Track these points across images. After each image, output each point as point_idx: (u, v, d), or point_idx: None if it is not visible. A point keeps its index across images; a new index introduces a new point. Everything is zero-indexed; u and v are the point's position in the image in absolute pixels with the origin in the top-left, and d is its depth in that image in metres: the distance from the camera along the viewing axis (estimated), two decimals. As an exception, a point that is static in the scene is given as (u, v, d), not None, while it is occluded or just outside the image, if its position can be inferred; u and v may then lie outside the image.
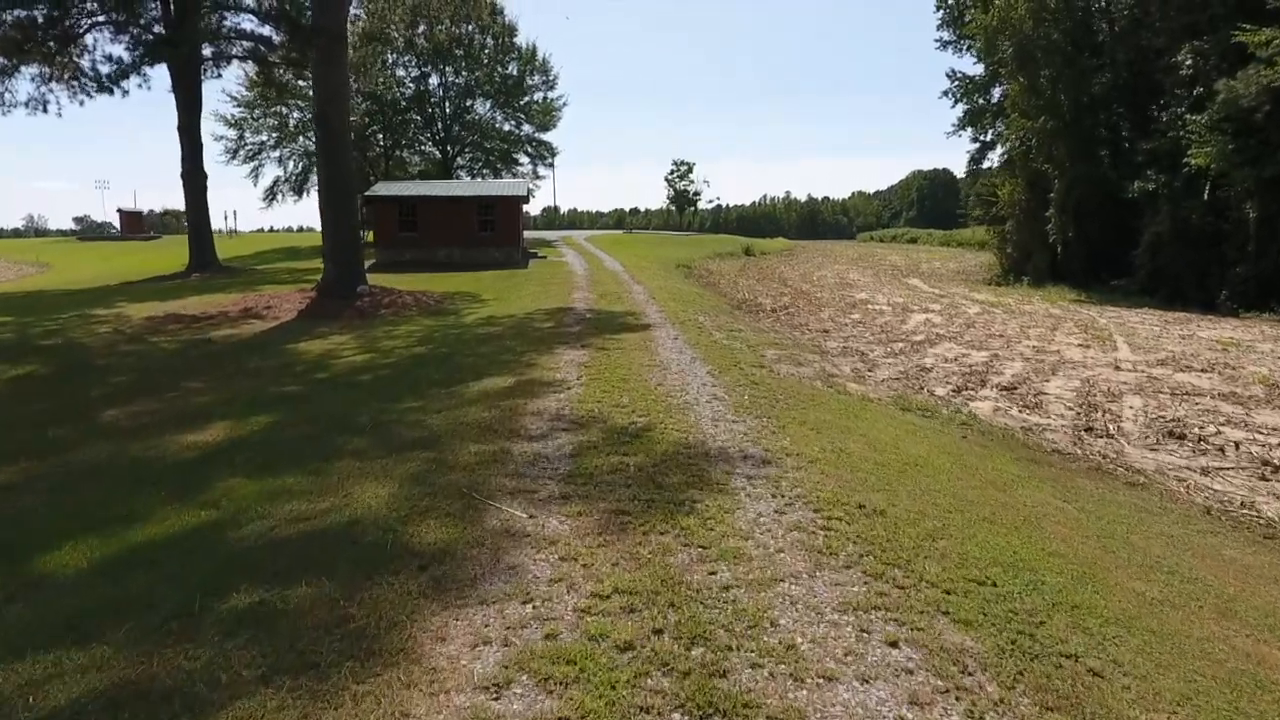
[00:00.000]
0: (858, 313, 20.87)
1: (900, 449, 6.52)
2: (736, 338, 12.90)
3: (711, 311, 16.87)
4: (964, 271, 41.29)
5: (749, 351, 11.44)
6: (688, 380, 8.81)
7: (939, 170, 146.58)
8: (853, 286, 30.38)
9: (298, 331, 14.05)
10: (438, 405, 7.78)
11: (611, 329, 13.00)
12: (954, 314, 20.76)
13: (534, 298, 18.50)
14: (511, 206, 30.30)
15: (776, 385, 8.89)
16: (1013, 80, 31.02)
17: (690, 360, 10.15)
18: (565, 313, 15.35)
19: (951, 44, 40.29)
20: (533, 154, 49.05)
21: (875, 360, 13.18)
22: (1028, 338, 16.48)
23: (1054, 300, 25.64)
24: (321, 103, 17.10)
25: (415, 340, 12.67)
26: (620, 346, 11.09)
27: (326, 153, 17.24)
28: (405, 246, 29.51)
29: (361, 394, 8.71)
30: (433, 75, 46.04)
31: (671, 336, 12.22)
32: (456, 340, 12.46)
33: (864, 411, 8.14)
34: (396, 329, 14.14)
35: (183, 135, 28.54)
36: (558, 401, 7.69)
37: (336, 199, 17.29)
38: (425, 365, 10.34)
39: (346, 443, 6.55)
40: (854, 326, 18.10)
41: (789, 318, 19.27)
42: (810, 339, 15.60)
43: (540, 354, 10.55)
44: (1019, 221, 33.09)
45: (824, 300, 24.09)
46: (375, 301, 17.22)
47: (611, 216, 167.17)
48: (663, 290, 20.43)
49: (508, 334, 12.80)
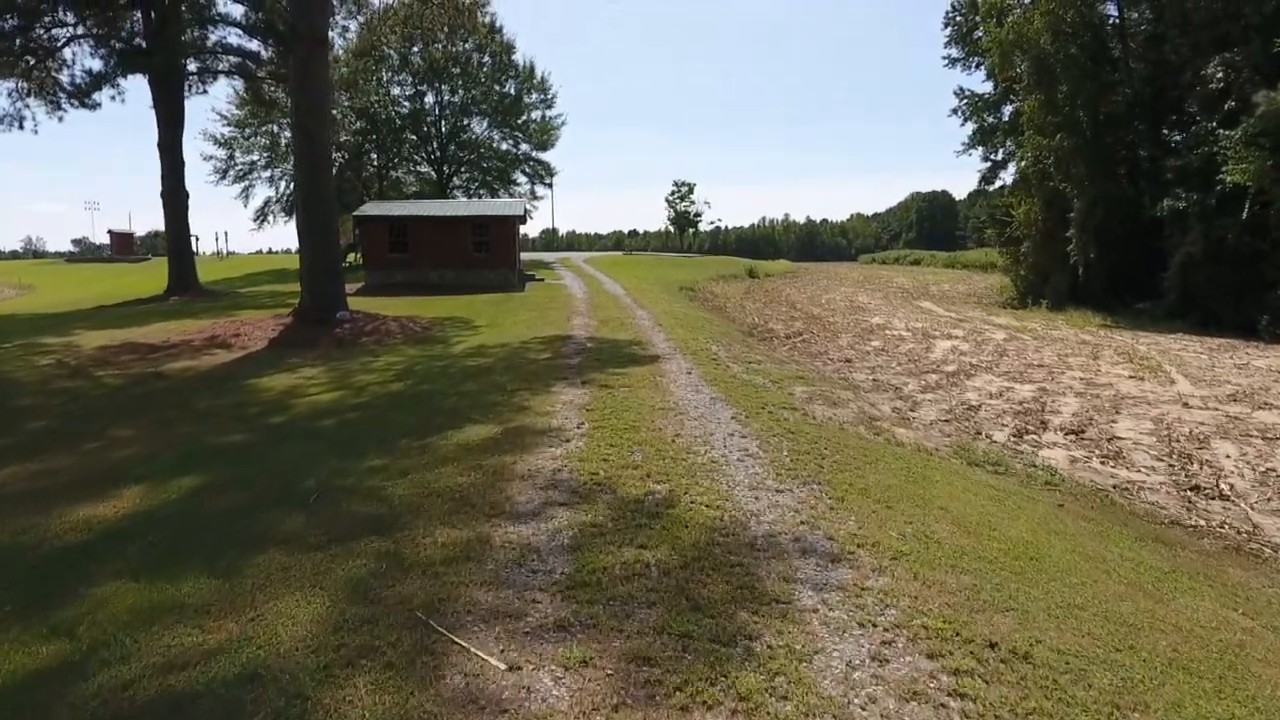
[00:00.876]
0: (877, 339, 19.46)
1: (997, 530, 5.04)
2: (756, 370, 11.44)
3: (723, 339, 15.44)
4: (975, 294, 40.00)
5: (774, 388, 9.98)
6: (710, 428, 7.34)
7: (938, 192, 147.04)
8: (865, 310, 29.02)
9: (264, 364, 12.58)
10: (406, 464, 6.29)
11: (615, 361, 11.55)
12: (980, 340, 19.35)
13: (530, 324, 17.07)
14: (507, 226, 28.98)
15: (816, 434, 7.42)
16: (1029, 96, 29.87)
17: (709, 401, 8.68)
18: (563, 342, 13.91)
19: (960, 61, 39.33)
20: (530, 173, 47.92)
21: (913, 396, 11.72)
22: (1069, 367, 15.05)
23: (1080, 324, 24.27)
24: (300, 114, 15.78)
25: (394, 374, 11.20)
26: (626, 383, 9.63)
27: (306, 168, 15.88)
28: (396, 268, 28.14)
29: (318, 446, 7.22)
30: (429, 94, 45.02)
31: (684, 370, 10.76)
32: (440, 374, 10.99)
33: (928, 470, 6.66)
34: (375, 360, 12.67)
35: (163, 153, 27.28)
36: (554, 459, 6.22)
37: (316, 218, 15.91)
38: (400, 407, 8.86)
39: (280, 522, 5.05)
40: (877, 355, 16.68)
41: (805, 345, 17.84)
42: (834, 370, 14.15)
43: (534, 393, 9.09)
44: (1035, 242, 31.78)
45: (839, 326, 22.69)
46: (356, 329, 15.77)
47: (610, 238, 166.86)
48: (668, 315, 19.02)
49: (499, 367, 11.33)
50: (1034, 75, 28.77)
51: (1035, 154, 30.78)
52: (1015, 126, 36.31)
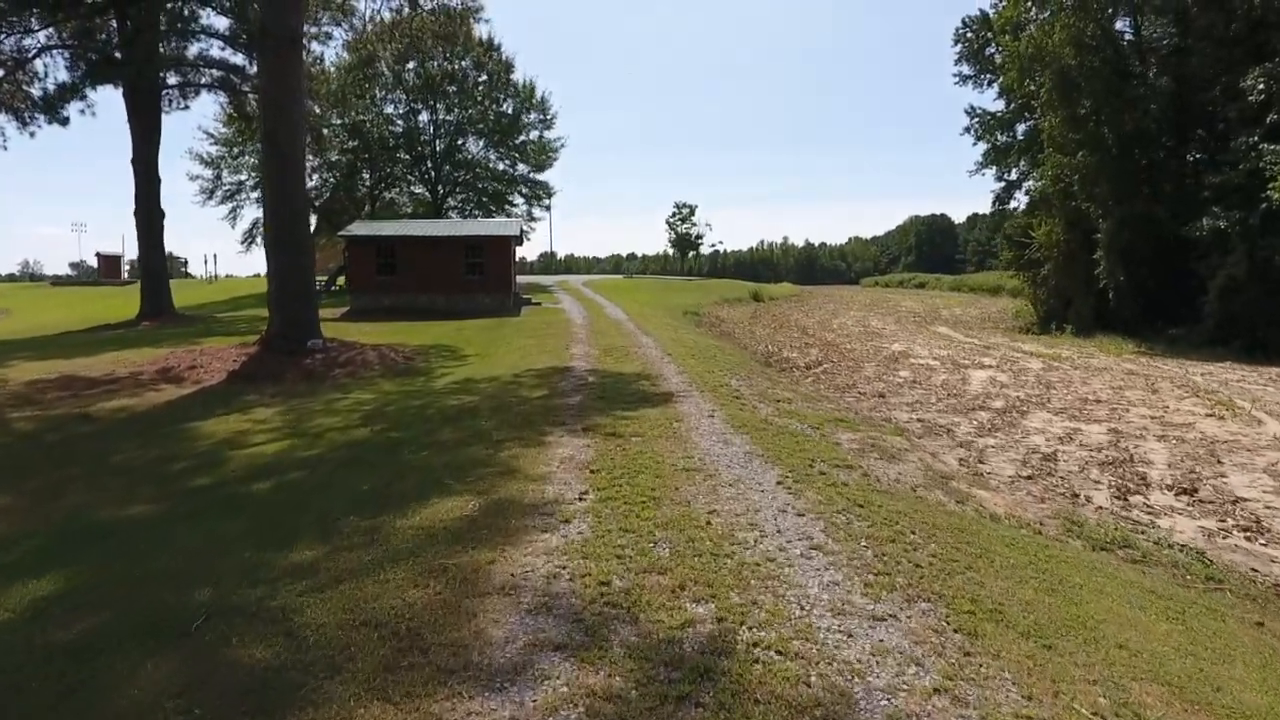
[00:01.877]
0: (905, 369, 17.78)
1: (1224, 691, 3.30)
2: (788, 412, 9.73)
3: (740, 371, 13.75)
4: (990, 318, 38.43)
5: (816, 436, 8.26)
6: (754, 499, 5.62)
7: (937, 216, 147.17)
8: (881, 336, 27.39)
9: (214, 402, 10.85)
10: (342, 561, 4.55)
11: (623, 400, 9.84)
12: (1017, 371, 17.68)
13: (524, 353, 15.39)
14: (502, 248, 27.39)
15: (891, 507, 5.70)
16: (1049, 113, 28.52)
17: (744, 456, 6.97)
18: (562, 375, 12.20)
19: (971, 79, 38.14)
20: (528, 195, 46.37)
21: (972, 442, 10.00)
22: (1130, 403, 13.37)
23: (1114, 352, 22.63)
24: (270, 121, 14.20)
25: (360, 417, 9.47)
26: (638, 431, 7.92)
27: (274, 179, 14.27)
28: (383, 292, 26.49)
29: (237, 526, 5.49)
30: (423, 112, 43.67)
31: (705, 412, 9.05)
32: (415, 418, 9.27)
33: (1058, 565, 4.92)
34: (344, 399, 10.95)
35: (138, 169, 25.79)
36: (548, 556, 4.49)
37: (286, 235, 14.27)
38: (358, 464, 7.13)
39: (126, 680, 3.30)
40: (910, 388, 14.99)
41: (829, 377, 16.15)
42: (870, 407, 12.43)
43: (525, 445, 7.37)
44: (1057, 264, 30.24)
45: (859, 354, 21.03)
46: (329, 359, 14.06)
47: (609, 262, 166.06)
48: (676, 343, 17.35)
49: (485, 408, 9.61)
50: (1055, 90, 27.43)
51: (1056, 172, 29.36)
52: (1031, 145, 35.05)
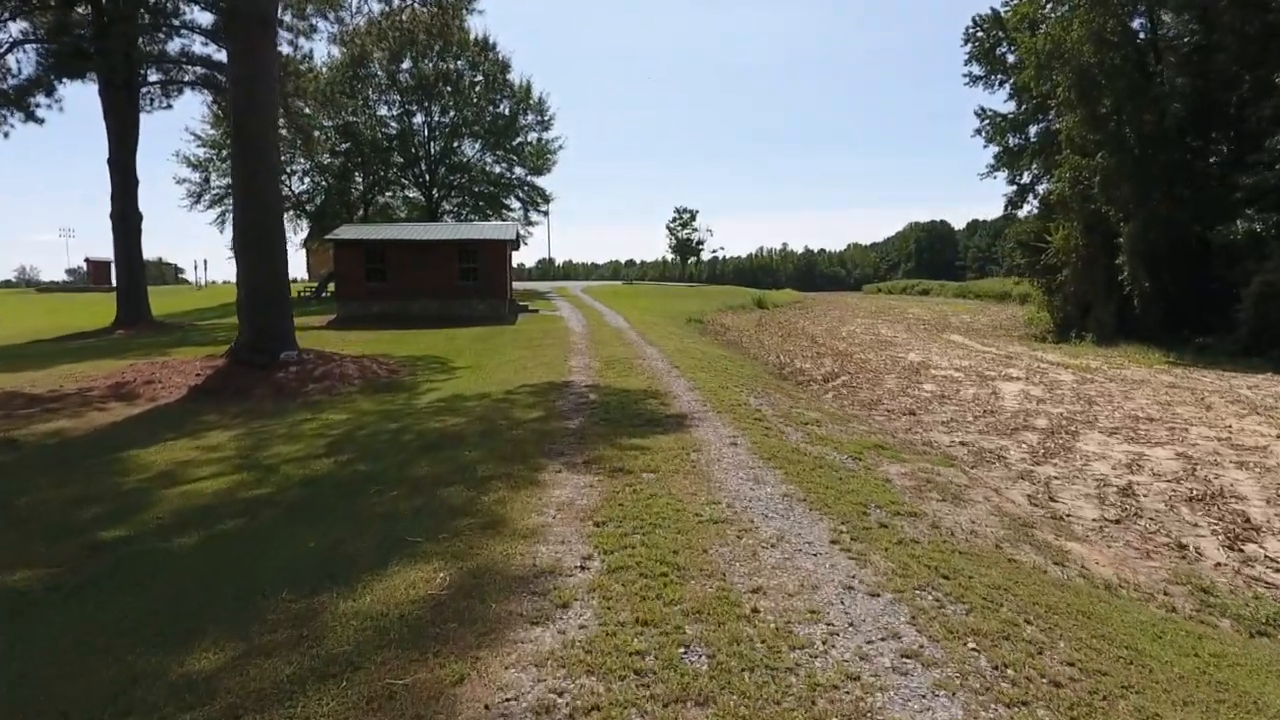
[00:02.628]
0: (929, 382, 16.51)
1: None
2: (819, 437, 8.45)
3: (756, 386, 12.48)
4: (1001, 326, 37.21)
5: (860, 470, 6.98)
6: (808, 570, 4.34)
7: (937, 222, 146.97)
8: (894, 345, 26.14)
9: (164, 424, 9.55)
10: (249, 682, 3.26)
11: (629, 422, 8.56)
12: (1049, 384, 16.41)
13: (519, 365, 14.11)
14: (497, 252, 26.12)
15: (985, 580, 4.42)
16: (1067, 112, 27.36)
17: (782, 500, 5.69)
18: (560, 391, 10.92)
19: (982, 79, 36.96)
20: (525, 198, 45.10)
21: (1034, 474, 8.71)
22: (1185, 422, 12.10)
23: (1145, 362, 21.38)
24: (240, 110, 12.93)
25: (326, 445, 8.17)
26: (650, 464, 6.65)
27: (244, 175, 12.99)
28: (373, 298, 25.20)
29: (137, 603, 4.20)
30: (417, 113, 42.41)
31: (726, 439, 7.77)
32: (389, 445, 7.97)
33: (1223, 668, 3.65)
34: (312, 420, 9.65)
35: (114, 170, 24.47)
36: (535, 677, 3.19)
37: (256, 235, 12.98)
38: (309, 510, 5.84)
39: None
40: (939, 404, 13.71)
41: (851, 391, 14.87)
42: (905, 428, 11.15)
43: (515, 483, 6.09)
44: (1075, 270, 29.03)
45: (876, 365, 19.75)
46: (304, 373, 12.76)
47: (607, 268, 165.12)
48: (683, 354, 16.08)
49: (471, 433, 8.32)
50: (1074, 88, 26.26)
51: (1074, 174, 28.19)
52: (1045, 147, 33.91)
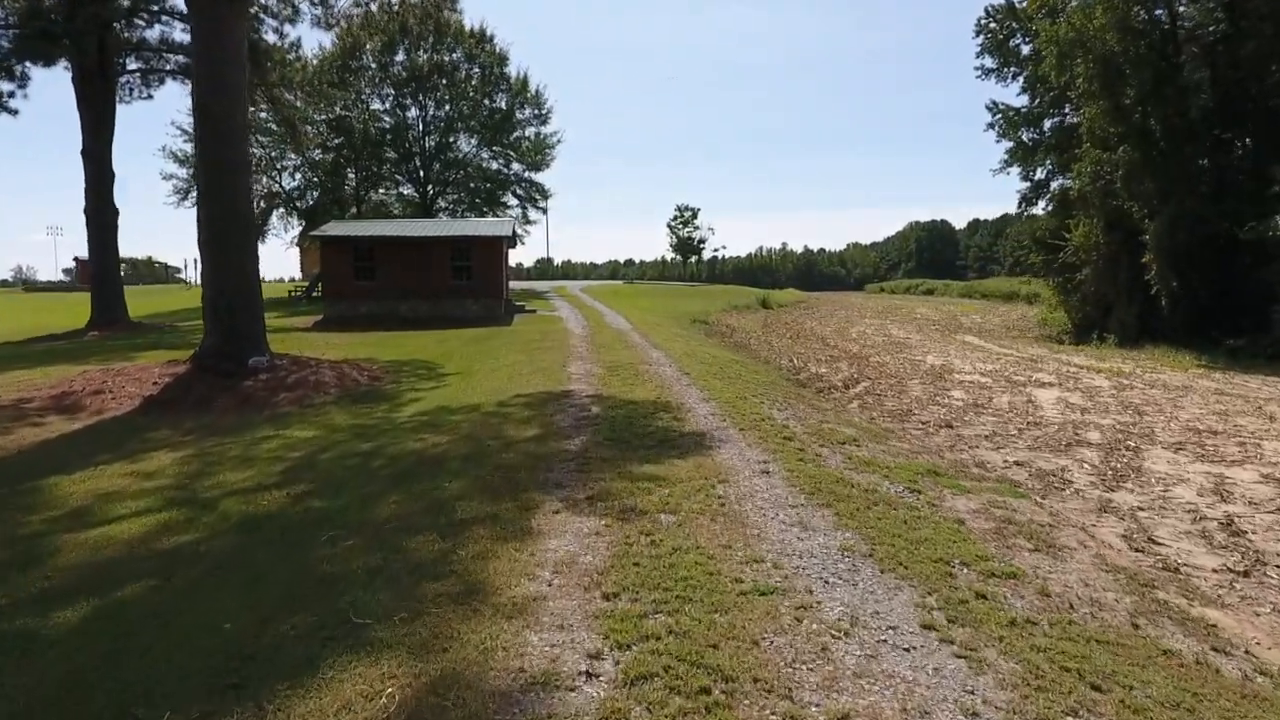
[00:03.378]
0: (956, 389, 15.30)
1: None
2: (861, 460, 7.23)
3: (775, 395, 11.26)
4: (1014, 326, 36.07)
5: (923, 506, 5.76)
6: (906, 678, 3.13)
7: (937, 222, 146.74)
8: (908, 346, 24.95)
9: (103, 443, 8.31)
10: None
11: (640, 443, 7.35)
12: (1087, 391, 15.21)
13: (514, 372, 12.88)
14: (492, 249, 24.87)
15: (1138, 684, 3.22)
16: (1089, 104, 26.16)
17: (842, 556, 4.48)
18: (559, 403, 9.70)
19: (994, 72, 35.78)
20: (523, 195, 43.81)
21: (1108, 501, 7.50)
22: (1254, 435, 10.89)
23: (1179, 366, 20.19)
24: (203, 90, 11.68)
25: (282, 472, 6.93)
26: (669, 502, 5.43)
27: (209, 160, 11.73)
28: (361, 299, 23.96)
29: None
30: (411, 107, 41.11)
31: (756, 465, 6.55)
32: (355, 474, 6.74)
33: None
34: (275, 437, 8.41)
35: (87, 162, 23.22)
36: None
37: (222, 229, 11.73)
38: (237, 569, 4.61)
39: None
40: (975, 413, 12.51)
41: (876, 400, 13.65)
42: (946, 444, 9.93)
43: (502, 530, 4.88)
44: (1096, 269, 27.84)
45: (894, 369, 18.54)
46: (275, 381, 11.53)
47: (606, 268, 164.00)
48: (691, 358, 14.87)
49: (455, 456, 7.10)
50: (1098, 79, 25.07)
51: (1095, 169, 27.01)
52: (1062, 141, 32.73)
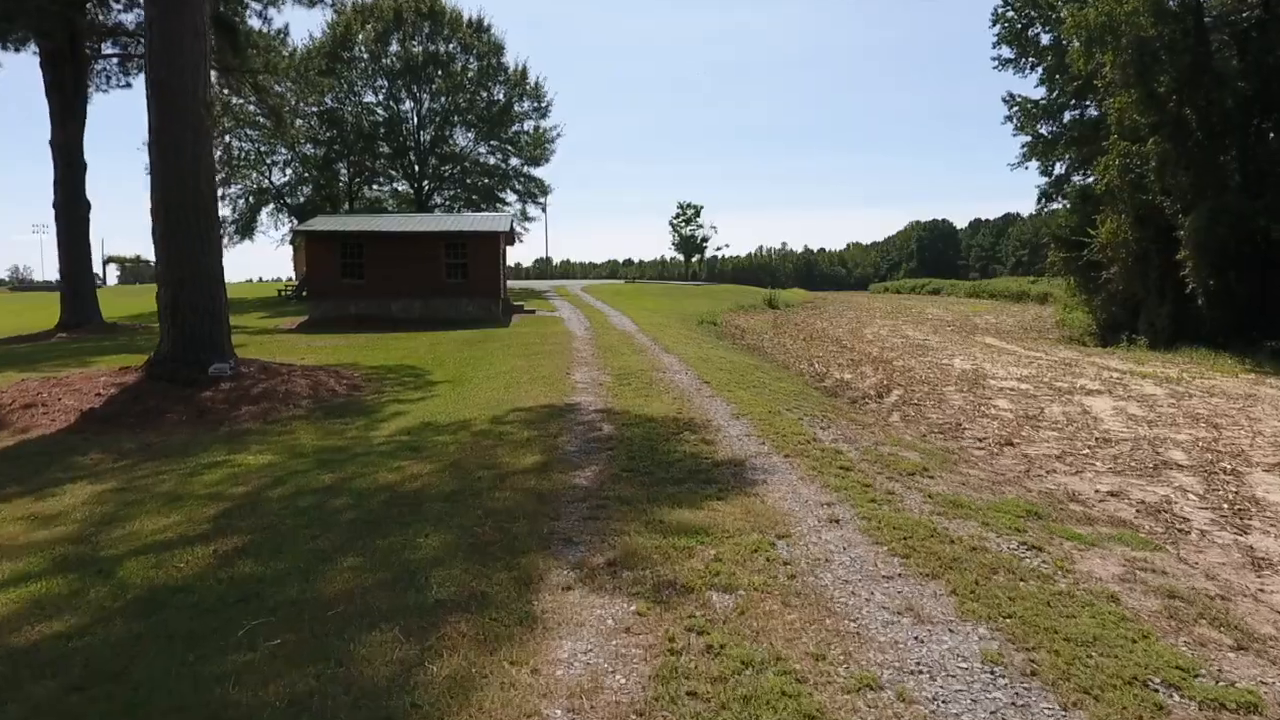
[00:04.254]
0: (1001, 398, 13.88)
1: None
2: (943, 498, 5.81)
3: (809, 407, 9.85)
4: (1032, 327, 34.68)
5: (1054, 570, 4.34)
6: None
7: (938, 221, 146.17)
8: (929, 349, 23.55)
9: (18, 470, 6.88)
10: None
11: (666, 475, 5.93)
12: (1143, 400, 13.80)
13: (512, 380, 11.45)
14: (489, 245, 23.44)
15: None
16: (1120, 92, 24.78)
17: (986, 669, 3.06)
18: (563, 418, 8.28)
19: (1012, 63, 34.38)
20: (521, 190, 42.34)
21: (1255, 552, 6.08)
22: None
23: (1225, 370, 18.77)
24: (157, 63, 10.25)
25: (216, 516, 5.49)
26: (719, 572, 4.02)
27: (165, 143, 10.30)
28: (349, 298, 22.51)
29: None
30: (406, 99, 39.65)
31: (820, 510, 5.13)
32: (307, 520, 5.31)
33: None
34: (223, 465, 6.98)
35: (57, 153, 21.80)
36: None
37: (180, 218, 10.30)
38: (99, 699, 3.18)
39: None
40: (1030, 427, 11.09)
41: (918, 411, 12.22)
42: (1018, 468, 8.50)
43: (492, 624, 3.46)
44: (1125, 267, 26.46)
45: (924, 375, 17.11)
46: (239, 391, 10.09)
47: (605, 267, 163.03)
48: (706, 363, 13.45)
49: (436, 493, 5.67)
50: (1132, 65, 23.68)
51: (1124, 161, 25.63)
52: (1086, 134, 31.35)
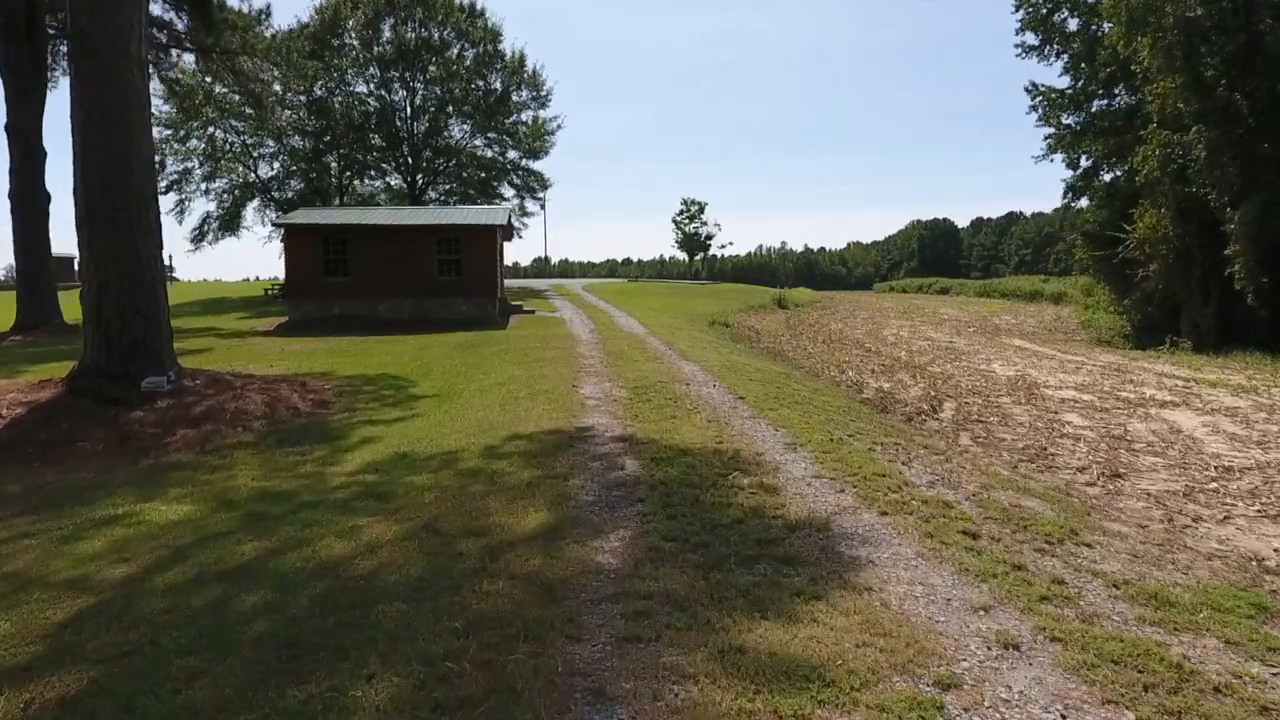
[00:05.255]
0: (1071, 413, 12.11)
1: None
2: (1113, 577, 4.04)
3: (869, 429, 8.09)
4: (1054, 328, 32.95)
5: None
6: None
7: (940, 220, 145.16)
8: (961, 353, 21.80)
9: None
10: None
11: (724, 547, 4.15)
12: (1233, 415, 12.05)
13: (509, 396, 9.66)
14: (485, 240, 21.62)
15: None
16: (1163, 77, 23.06)
17: None
18: (573, 449, 6.50)
19: (1036, 50, 32.60)
20: (520, 185, 40.47)
21: None
22: None
23: (1295, 378, 17.03)
24: (77, 12, 8.47)
25: (62, 623, 3.71)
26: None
27: (87, 110, 8.52)
28: (333, 298, 20.70)
29: None
30: (399, 88, 37.78)
31: (976, 623, 3.36)
32: (195, 638, 3.52)
33: None
34: (119, 521, 5.20)
35: (12, 139, 19.97)
36: None
37: (106, 202, 8.51)
38: None
39: None
40: (1124, 450, 9.33)
41: (986, 431, 10.44)
42: (1146, 513, 6.74)
43: None
44: (1166, 265, 24.75)
45: (969, 385, 15.33)
46: (179, 409, 8.31)
47: (604, 266, 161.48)
48: (733, 373, 11.67)
49: (397, 582, 3.89)
50: (1180, 47, 21.97)
51: (1164, 151, 23.93)
52: (1118, 124, 29.60)
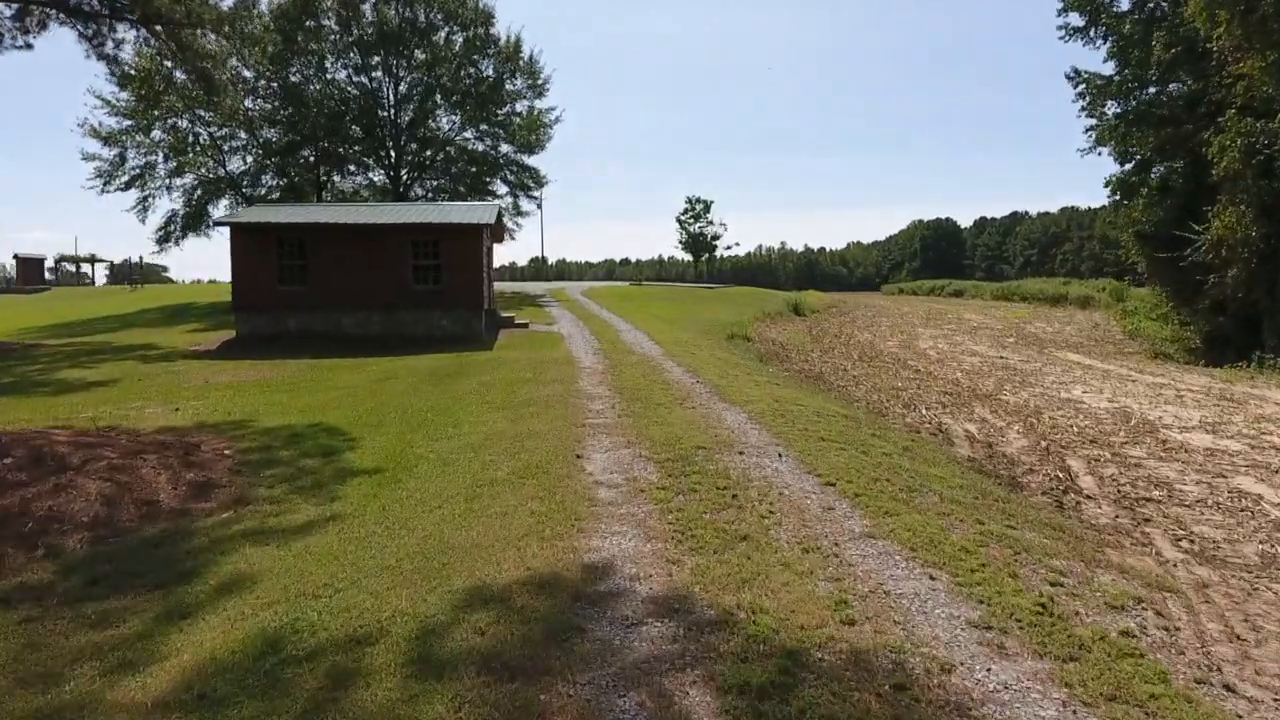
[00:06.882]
0: (1242, 475, 9.08)
1: None
2: None
3: (1047, 554, 5.05)
4: (1099, 338, 29.86)
5: None
6: None
7: (942, 220, 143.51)
8: (1027, 374, 18.75)
9: None
10: None
11: None
12: None
13: (481, 477, 6.55)
14: (469, 242, 18.42)
15: None
16: (1251, 57, 20.13)
17: None
18: (584, 643, 3.43)
19: (1080, 32, 29.53)
20: (514, 181, 37.18)
21: None
22: None
23: None
24: None
25: None
26: None
27: None
28: (288, 310, 17.53)
29: None
30: (381, 74, 34.57)
31: None
32: None
33: None
34: None
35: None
36: None
37: None
38: None
39: None
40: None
41: (1175, 525, 7.35)
42: None
43: None
44: (1247, 269, 21.83)
45: (1076, 426, 12.24)
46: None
47: (602, 267, 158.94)
48: (790, 423, 8.59)
49: None
50: (1276, 19, 19.05)
51: (1247, 141, 21.00)
52: (1178, 113, 26.61)
